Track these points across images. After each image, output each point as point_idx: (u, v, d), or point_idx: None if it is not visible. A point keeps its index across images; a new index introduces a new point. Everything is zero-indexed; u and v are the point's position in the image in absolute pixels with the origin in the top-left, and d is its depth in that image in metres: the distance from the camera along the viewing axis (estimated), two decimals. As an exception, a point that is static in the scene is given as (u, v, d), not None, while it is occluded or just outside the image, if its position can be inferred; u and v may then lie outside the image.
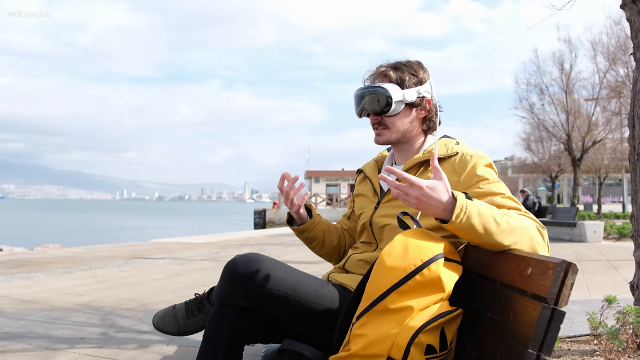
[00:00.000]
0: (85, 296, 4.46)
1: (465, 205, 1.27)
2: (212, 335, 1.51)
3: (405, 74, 1.67)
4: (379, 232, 1.68)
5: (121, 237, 24.06)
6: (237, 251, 9.07)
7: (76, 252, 8.84)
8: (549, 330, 1.00)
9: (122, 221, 50.93)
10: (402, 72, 1.67)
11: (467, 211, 1.26)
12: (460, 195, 1.28)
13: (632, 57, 2.77)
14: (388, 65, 1.70)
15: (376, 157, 1.94)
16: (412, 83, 1.67)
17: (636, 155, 2.67)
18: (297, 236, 1.91)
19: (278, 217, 31.92)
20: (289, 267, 1.56)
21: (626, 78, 17.50)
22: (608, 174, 24.80)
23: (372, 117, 1.69)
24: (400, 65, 1.69)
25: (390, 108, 1.65)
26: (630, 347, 2.29)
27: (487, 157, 1.60)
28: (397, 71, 1.67)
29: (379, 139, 1.72)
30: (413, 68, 1.70)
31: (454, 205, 1.27)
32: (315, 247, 1.92)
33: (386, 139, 1.71)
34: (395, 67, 1.68)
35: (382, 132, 1.70)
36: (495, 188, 1.50)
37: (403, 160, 1.76)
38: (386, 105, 1.65)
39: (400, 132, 1.70)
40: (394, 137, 1.71)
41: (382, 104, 1.65)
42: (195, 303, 1.85)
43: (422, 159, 1.66)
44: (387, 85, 1.64)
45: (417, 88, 1.67)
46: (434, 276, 1.22)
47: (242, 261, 1.51)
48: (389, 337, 1.20)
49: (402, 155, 1.77)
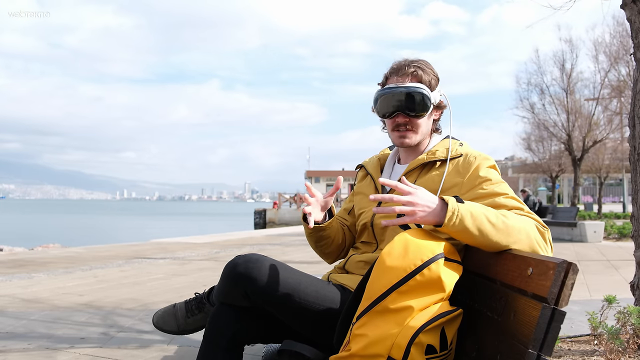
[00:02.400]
0: (85, 296, 4.46)
1: (457, 208, 1.27)
2: (212, 336, 1.51)
3: (430, 75, 1.67)
4: (380, 233, 1.68)
5: (121, 237, 24.06)
6: (237, 251, 9.07)
7: (76, 252, 8.84)
8: (549, 330, 1.00)
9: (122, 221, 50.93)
10: (427, 73, 1.67)
11: (459, 214, 1.27)
12: (451, 199, 1.30)
13: (633, 57, 2.77)
14: (415, 64, 1.68)
15: (379, 154, 1.91)
16: (435, 85, 1.68)
17: (636, 155, 2.67)
18: (309, 234, 1.81)
19: (278, 217, 31.92)
20: (289, 267, 1.56)
21: (628, 77, 17.48)
22: (608, 173, 24.79)
23: (402, 118, 1.66)
24: (424, 65, 1.68)
25: (428, 111, 1.65)
26: (631, 348, 2.29)
27: (491, 158, 1.59)
28: (425, 72, 1.66)
29: (405, 141, 1.68)
30: (432, 69, 1.70)
31: (446, 209, 1.28)
32: (322, 246, 1.83)
33: (413, 140, 1.68)
34: (422, 68, 1.67)
35: (408, 134, 1.67)
36: (499, 188, 1.50)
37: (407, 160, 1.75)
38: (423, 107, 1.64)
39: (423, 134, 1.70)
40: (418, 139, 1.70)
41: (420, 105, 1.63)
42: (196, 302, 1.84)
43: (425, 161, 1.65)
44: (422, 87, 1.63)
45: (438, 90, 1.68)
46: (434, 276, 1.22)
47: (243, 262, 1.51)
48: (389, 337, 1.20)
49: (408, 155, 1.76)
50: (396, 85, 1.65)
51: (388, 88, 1.66)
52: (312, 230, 1.75)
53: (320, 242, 1.80)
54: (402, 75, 1.66)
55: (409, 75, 1.66)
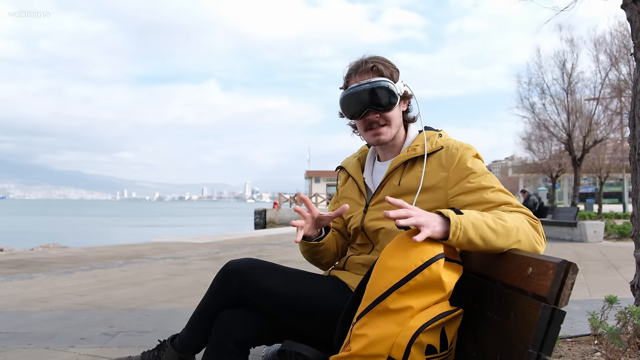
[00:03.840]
0: (85, 296, 4.46)
1: (459, 221, 1.24)
2: (218, 339, 1.51)
3: (389, 68, 1.65)
4: (373, 236, 1.66)
5: (121, 237, 24.07)
6: (237, 251, 9.07)
7: (76, 252, 8.84)
8: (549, 330, 1.00)
9: (122, 221, 50.95)
10: (387, 67, 1.64)
11: (461, 226, 1.24)
12: (450, 212, 1.26)
13: (633, 57, 2.77)
14: (373, 60, 1.65)
15: (358, 153, 1.87)
16: (396, 77, 1.65)
17: (637, 155, 2.67)
18: (304, 251, 1.75)
19: (278, 217, 31.90)
20: (281, 268, 1.57)
21: (628, 77, 17.47)
22: (609, 173, 24.79)
23: (372, 115, 1.62)
24: (381, 59, 1.66)
25: (396, 102, 1.62)
26: (632, 348, 2.29)
27: (473, 147, 1.57)
28: (384, 66, 1.64)
29: (381, 138, 1.65)
30: (390, 62, 1.68)
31: (447, 223, 1.25)
32: (318, 258, 1.77)
33: (388, 136, 1.65)
34: (380, 62, 1.64)
35: (383, 130, 1.64)
36: (485, 182, 1.48)
37: (387, 157, 1.72)
38: (390, 99, 1.61)
39: (396, 127, 1.67)
40: (393, 133, 1.66)
41: (387, 98, 1.60)
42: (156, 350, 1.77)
43: (407, 158, 1.62)
44: (385, 79, 1.61)
45: (401, 80, 1.66)
46: (434, 276, 1.22)
47: (234, 267, 1.52)
48: (389, 337, 1.20)
49: (386, 151, 1.72)
50: (358, 84, 1.62)
51: (351, 88, 1.63)
52: (308, 247, 1.71)
53: (316, 255, 1.75)
54: (362, 72, 1.64)
55: (369, 71, 1.63)
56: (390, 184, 1.64)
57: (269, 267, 1.57)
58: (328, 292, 1.56)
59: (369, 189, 1.73)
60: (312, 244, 1.70)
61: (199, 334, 1.64)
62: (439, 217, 1.27)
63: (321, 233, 1.72)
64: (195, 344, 1.68)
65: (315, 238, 1.71)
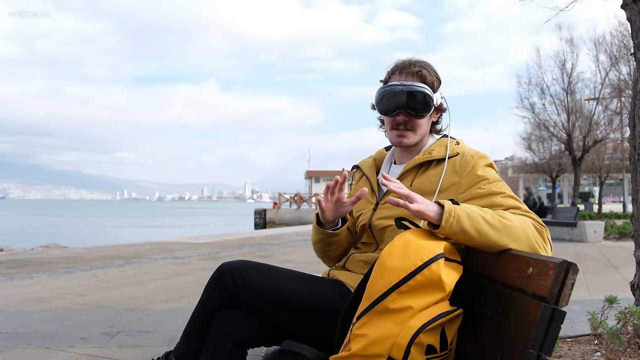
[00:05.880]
0: (85, 296, 4.46)
1: (453, 209, 1.28)
2: (216, 339, 1.50)
3: (433, 76, 1.66)
4: (379, 234, 1.66)
5: (121, 237, 24.07)
6: (237, 251, 9.07)
7: (76, 252, 8.84)
8: (549, 330, 1.00)
9: (122, 221, 50.95)
10: (431, 74, 1.66)
11: (455, 215, 1.27)
12: (447, 202, 1.31)
13: (633, 57, 2.77)
14: (420, 64, 1.66)
15: (375, 155, 1.90)
16: (437, 86, 1.67)
17: (637, 155, 2.67)
18: (320, 239, 1.75)
19: (278, 217, 31.90)
20: (276, 269, 1.56)
21: (628, 77, 17.46)
22: (609, 173, 24.78)
23: (403, 117, 1.64)
24: (427, 66, 1.68)
25: (429, 112, 1.64)
26: (632, 348, 2.29)
27: (488, 156, 1.59)
28: (429, 73, 1.65)
29: (404, 141, 1.67)
30: (435, 71, 1.69)
31: (442, 211, 1.29)
32: (330, 251, 1.77)
33: (411, 141, 1.67)
34: (426, 68, 1.66)
35: (407, 134, 1.66)
36: (496, 187, 1.50)
37: (403, 161, 1.74)
38: (425, 107, 1.63)
39: (421, 134, 1.69)
40: (417, 139, 1.68)
41: (422, 105, 1.62)
42: None
43: (422, 160, 1.64)
44: (426, 87, 1.62)
45: (440, 92, 1.68)
46: (434, 276, 1.22)
47: (228, 268, 1.52)
48: (389, 337, 1.20)
49: (403, 155, 1.74)
50: (400, 83, 1.63)
51: (391, 85, 1.64)
52: (324, 235, 1.71)
53: (330, 247, 1.76)
54: (407, 73, 1.65)
55: (414, 74, 1.64)
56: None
57: (264, 269, 1.56)
58: (326, 293, 1.56)
59: (380, 188, 1.74)
60: (329, 233, 1.71)
61: (196, 342, 1.60)
62: (437, 205, 1.32)
63: (337, 224, 1.74)
64: (193, 354, 1.61)
65: (332, 228, 1.72)
